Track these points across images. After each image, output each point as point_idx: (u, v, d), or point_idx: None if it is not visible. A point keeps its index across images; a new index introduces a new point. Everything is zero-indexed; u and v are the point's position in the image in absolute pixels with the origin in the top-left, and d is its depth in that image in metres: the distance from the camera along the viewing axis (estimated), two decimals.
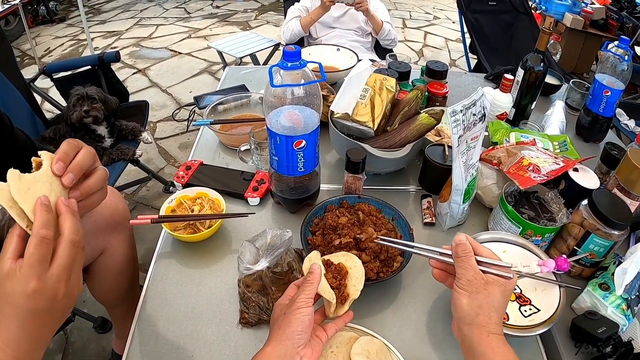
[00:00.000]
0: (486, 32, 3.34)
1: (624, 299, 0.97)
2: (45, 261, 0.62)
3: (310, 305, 0.76)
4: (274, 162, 1.14)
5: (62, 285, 0.63)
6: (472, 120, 1.04)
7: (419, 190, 1.39)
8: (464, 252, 0.78)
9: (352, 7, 2.52)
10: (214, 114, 1.63)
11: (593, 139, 1.69)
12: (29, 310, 0.61)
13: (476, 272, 0.75)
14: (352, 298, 0.84)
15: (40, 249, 0.61)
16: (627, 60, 1.51)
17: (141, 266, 1.62)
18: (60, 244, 0.64)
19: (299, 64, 0.97)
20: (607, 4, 4.66)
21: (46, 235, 0.62)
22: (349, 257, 0.91)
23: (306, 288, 0.78)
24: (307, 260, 0.87)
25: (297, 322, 0.74)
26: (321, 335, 0.81)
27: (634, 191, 1.11)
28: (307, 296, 0.77)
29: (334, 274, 0.87)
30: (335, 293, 0.83)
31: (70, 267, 0.64)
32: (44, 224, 0.62)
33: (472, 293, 0.74)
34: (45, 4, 5.52)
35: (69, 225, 0.66)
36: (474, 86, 2.01)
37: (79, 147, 0.74)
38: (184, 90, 4.02)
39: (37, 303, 0.61)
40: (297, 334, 0.73)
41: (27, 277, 0.60)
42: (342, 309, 0.84)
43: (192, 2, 6.60)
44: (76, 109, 2.01)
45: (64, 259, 0.63)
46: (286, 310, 0.77)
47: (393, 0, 7.04)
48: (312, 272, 0.81)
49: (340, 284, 0.86)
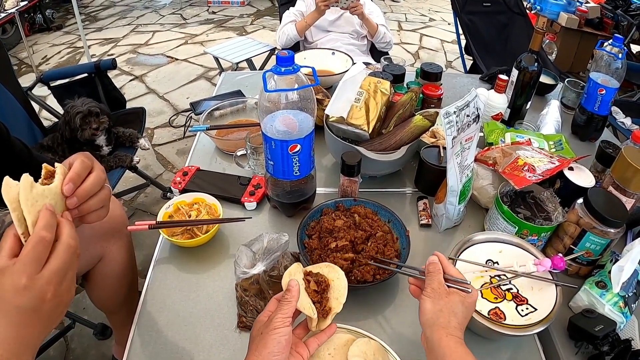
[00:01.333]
0: (481, 33, 3.34)
1: (621, 296, 0.98)
2: (39, 261, 0.62)
3: (287, 324, 0.75)
4: (270, 167, 1.14)
5: (51, 287, 0.63)
6: (465, 122, 1.05)
7: (415, 192, 1.39)
8: (434, 269, 0.84)
9: (347, 11, 2.53)
10: (211, 119, 1.63)
11: (589, 138, 1.70)
12: (16, 307, 0.61)
13: (440, 284, 0.82)
14: (335, 312, 0.82)
15: (37, 249, 0.62)
16: (621, 59, 1.51)
17: (140, 272, 1.62)
18: (57, 247, 0.64)
19: (292, 69, 0.97)
20: (602, 2, 4.68)
21: (46, 236, 0.62)
22: (331, 268, 0.88)
23: (283, 307, 0.77)
24: (287, 275, 0.85)
25: (273, 343, 0.73)
26: (302, 351, 0.80)
27: (629, 189, 1.12)
28: (284, 315, 0.76)
29: (315, 287, 0.84)
30: (317, 307, 0.81)
31: (63, 271, 0.64)
32: (47, 226, 0.63)
33: (435, 299, 0.80)
34: (42, 12, 5.53)
35: (67, 230, 0.66)
36: (469, 87, 2.00)
37: (90, 168, 0.74)
38: (181, 97, 4.02)
39: (24, 300, 0.61)
40: (273, 355, 0.72)
41: (19, 273, 0.60)
42: (325, 323, 0.82)
43: (188, 8, 6.61)
44: (84, 127, 2.02)
45: (57, 262, 0.64)
46: (263, 330, 0.76)
47: (388, 3, 7.06)
48: (290, 289, 0.79)
49: (322, 298, 0.83)
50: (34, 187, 0.66)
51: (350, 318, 0.96)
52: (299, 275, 0.85)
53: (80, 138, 2.03)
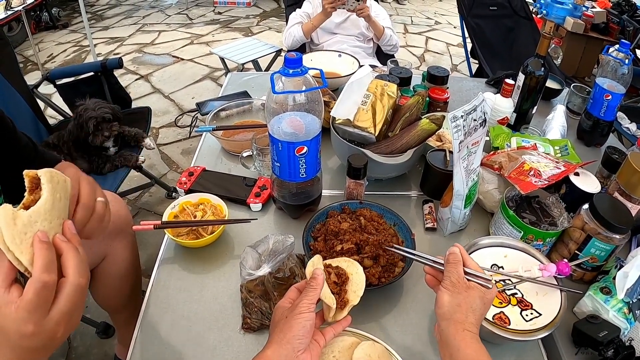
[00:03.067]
0: (487, 36, 3.34)
1: (626, 302, 0.98)
2: (45, 307, 0.58)
3: (312, 310, 0.77)
4: (276, 168, 1.15)
5: (61, 327, 0.60)
6: (472, 126, 1.05)
7: (420, 196, 1.40)
8: (454, 260, 0.82)
9: (353, 13, 2.53)
10: (217, 120, 1.64)
11: (594, 143, 1.70)
12: (23, 347, 0.58)
13: (460, 277, 0.80)
14: (352, 304, 0.85)
15: (41, 296, 0.57)
16: (628, 64, 1.51)
17: (144, 272, 1.63)
18: (64, 288, 0.60)
19: (300, 71, 0.98)
20: (608, 7, 4.67)
21: (49, 280, 0.58)
22: (350, 263, 0.91)
23: (309, 293, 0.79)
24: (310, 265, 0.88)
25: (298, 327, 0.74)
26: (319, 339, 0.81)
27: (635, 195, 1.12)
28: (310, 301, 0.78)
29: (335, 279, 0.87)
30: (335, 298, 0.83)
31: (72, 311, 0.61)
32: (46, 267, 0.58)
33: (454, 292, 0.79)
34: (48, 10, 5.55)
35: (74, 265, 0.61)
36: (475, 91, 2.02)
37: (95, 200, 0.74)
38: (187, 96, 4.03)
39: (33, 344, 0.58)
40: (297, 339, 0.74)
41: (25, 321, 0.56)
42: (341, 314, 0.84)
43: (194, 8, 6.63)
44: (97, 134, 2.04)
45: (65, 304, 0.60)
46: (288, 314, 0.77)
47: (394, 6, 7.07)
48: (315, 277, 0.81)
49: (341, 290, 0.86)
50: (17, 218, 0.58)
51: (354, 321, 0.95)
52: (320, 266, 0.87)
53: (91, 143, 2.05)
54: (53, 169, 0.66)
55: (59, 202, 0.65)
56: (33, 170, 0.64)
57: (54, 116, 3.08)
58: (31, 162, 1.04)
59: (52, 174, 0.65)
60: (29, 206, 0.61)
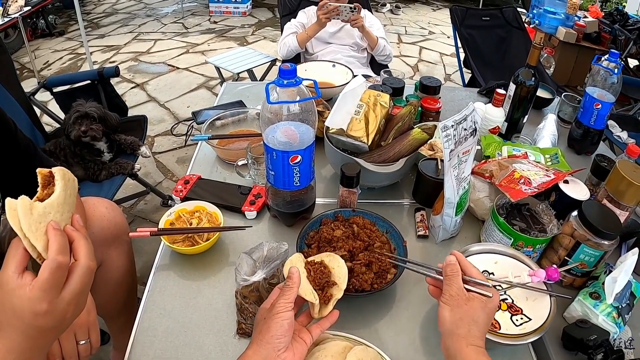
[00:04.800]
0: (480, 47, 3.37)
1: (615, 307, 1.00)
2: (58, 286, 0.63)
3: (289, 309, 0.78)
4: (271, 177, 1.16)
5: (71, 307, 0.65)
6: (463, 135, 1.07)
7: (412, 204, 1.41)
8: (452, 272, 0.82)
9: (348, 24, 2.56)
10: (212, 129, 1.65)
11: (585, 151, 1.72)
12: (35, 327, 0.62)
13: (459, 289, 0.80)
14: (336, 297, 0.86)
15: (56, 275, 0.62)
16: (617, 74, 1.54)
17: (139, 279, 1.63)
18: (76, 269, 0.65)
19: (294, 82, 1.00)
20: (600, 17, 4.73)
21: (63, 261, 0.63)
22: (332, 257, 0.93)
23: (285, 293, 0.80)
24: (288, 263, 0.90)
25: (276, 327, 0.76)
26: (305, 337, 0.83)
27: (623, 202, 1.14)
28: (287, 300, 0.79)
29: (316, 275, 0.88)
30: (319, 294, 0.85)
31: (83, 291, 0.66)
32: (60, 250, 0.63)
33: (454, 307, 0.78)
34: (44, 18, 5.55)
35: (85, 251, 0.67)
36: (468, 101, 2.02)
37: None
38: (182, 105, 4.05)
39: (46, 322, 0.62)
40: (276, 338, 0.75)
41: (39, 300, 0.61)
42: (327, 309, 0.86)
43: (189, 17, 6.65)
44: (75, 127, 2.03)
45: (77, 284, 0.65)
46: (266, 315, 0.79)
47: (389, 16, 7.11)
48: (291, 276, 0.83)
49: (324, 285, 0.88)
50: (33, 208, 0.65)
51: (347, 326, 0.98)
52: (300, 264, 0.89)
53: (71, 137, 2.05)
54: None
55: (69, 198, 0.71)
56: (46, 169, 0.71)
57: (49, 123, 3.08)
58: (31, 161, 1.05)
59: (64, 172, 0.71)
60: (43, 199, 0.68)
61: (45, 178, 0.71)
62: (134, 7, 7.10)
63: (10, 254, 0.64)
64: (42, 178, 0.70)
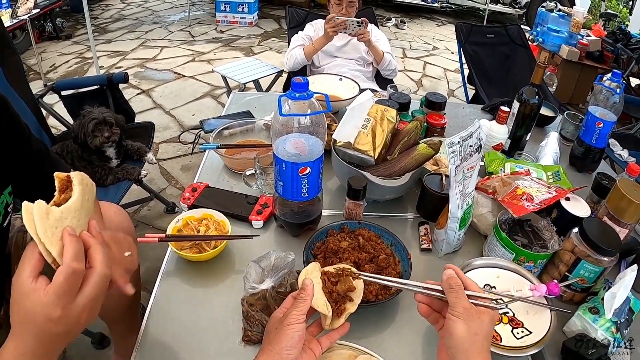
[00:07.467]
0: (484, 63, 3.40)
1: (614, 322, 1.02)
2: (73, 292, 0.64)
3: (301, 321, 0.77)
4: (279, 187, 1.18)
5: (85, 313, 0.65)
6: (468, 151, 1.09)
7: (416, 218, 1.43)
8: (457, 284, 0.78)
9: (354, 38, 2.59)
10: (220, 138, 1.68)
11: (586, 169, 1.75)
12: (48, 332, 0.63)
13: (467, 302, 0.77)
14: (349, 312, 0.86)
15: (70, 281, 0.63)
16: (619, 94, 1.57)
17: (142, 284, 1.64)
18: (91, 276, 0.66)
19: (306, 95, 1.02)
20: (603, 36, 4.76)
21: (78, 268, 0.63)
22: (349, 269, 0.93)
23: (298, 304, 0.79)
24: (303, 274, 0.88)
25: (287, 338, 0.75)
26: (315, 348, 0.83)
27: (623, 219, 1.16)
28: (299, 312, 0.78)
29: (332, 288, 0.87)
30: (333, 306, 0.84)
31: (97, 298, 0.67)
32: (75, 256, 0.63)
33: (468, 320, 0.74)
34: (52, 21, 5.60)
35: (101, 258, 0.68)
36: (472, 117, 2.07)
37: None
38: (187, 113, 4.07)
39: (58, 328, 0.63)
40: (285, 350, 0.75)
41: (53, 305, 0.61)
42: (338, 322, 0.85)
43: (196, 25, 6.71)
44: (96, 134, 2.05)
45: (91, 291, 0.65)
46: (278, 325, 0.79)
47: (394, 30, 7.17)
48: (305, 288, 0.81)
49: (339, 297, 0.87)
50: (50, 213, 0.64)
51: (352, 336, 0.99)
52: (316, 274, 0.87)
53: (91, 145, 2.06)
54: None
55: (87, 203, 0.71)
56: (64, 173, 0.71)
57: (55, 126, 3.10)
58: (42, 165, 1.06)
59: (82, 177, 0.71)
60: (60, 204, 0.67)
61: (63, 183, 0.71)
62: (141, 13, 7.17)
63: (25, 258, 0.64)
64: (59, 182, 0.70)
